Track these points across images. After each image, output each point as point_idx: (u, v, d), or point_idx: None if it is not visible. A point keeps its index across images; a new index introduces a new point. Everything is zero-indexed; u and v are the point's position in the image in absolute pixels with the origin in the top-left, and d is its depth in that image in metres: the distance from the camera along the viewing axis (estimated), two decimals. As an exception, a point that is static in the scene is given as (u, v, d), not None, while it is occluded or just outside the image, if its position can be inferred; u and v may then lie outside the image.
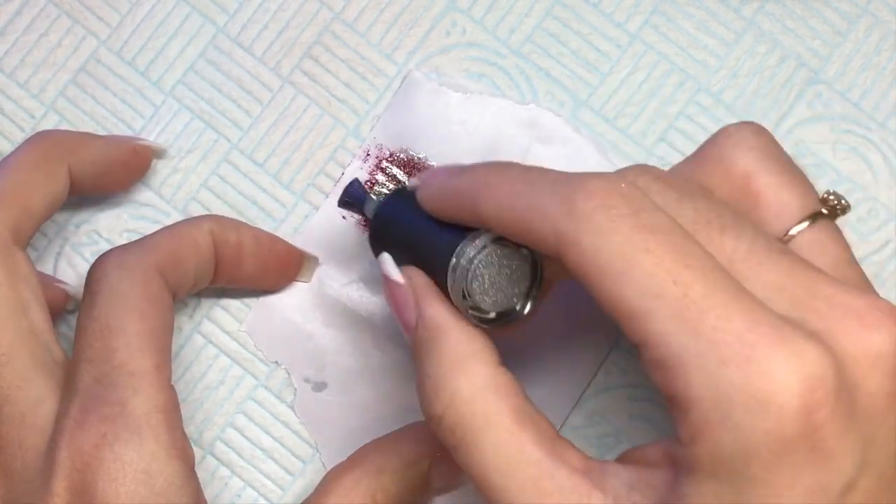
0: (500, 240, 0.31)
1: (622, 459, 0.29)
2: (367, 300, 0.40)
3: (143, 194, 0.41)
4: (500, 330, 0.32)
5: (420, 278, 0.32)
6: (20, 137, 0.41)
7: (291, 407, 0.40)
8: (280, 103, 0.41)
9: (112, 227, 0.41)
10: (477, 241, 0.31)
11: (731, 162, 0.31)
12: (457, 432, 0.29)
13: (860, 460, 0.26)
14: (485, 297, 0.31)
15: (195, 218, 0.38)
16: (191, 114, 0.41)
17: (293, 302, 0.40)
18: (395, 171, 0.41)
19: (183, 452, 0.33)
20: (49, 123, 0.42)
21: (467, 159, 0.40)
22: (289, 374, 0.40)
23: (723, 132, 0.32)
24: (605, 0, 0.41)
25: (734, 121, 0.41)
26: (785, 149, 0.41)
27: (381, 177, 0.41)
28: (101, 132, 0.41)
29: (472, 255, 0.31)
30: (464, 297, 0.31)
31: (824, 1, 0.41)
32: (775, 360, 0.25)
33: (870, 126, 0.41)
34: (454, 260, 0.31)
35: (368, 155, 0.41)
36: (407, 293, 0.32)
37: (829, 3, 0.41)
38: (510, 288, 0.32)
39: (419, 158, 0.41)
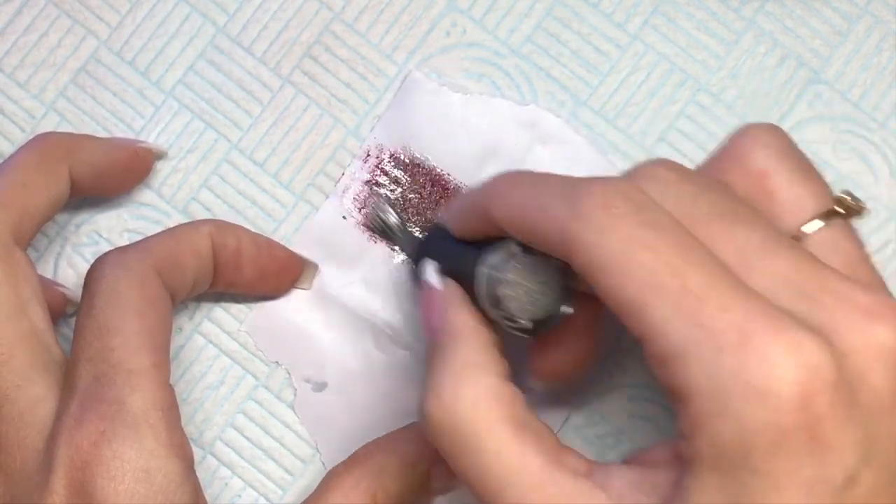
0: (528, 249, 0.31)
1: (627, 461, 0.30)
2: (367, 300, 0.40)
3: (144, 194, 0.41)
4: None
5: (454, 288, 0.33)
6: (20, 138, 0.41)
7: (292, 407, 0.40)
8: (280, 103, 0.41)
9: (112, 227, 0.41)
10: (500, 248, 0.32)
11: (748, 159, 0.31)
12: (455, 437, 0.29)
13: (862, 454, 0.26)
14: (516, 306, 0.32)
15: (195, 222, 0.38)
16: (191, 114, 0.41)
17: (294, 302, 0.40)
18: (396, 171, 0.41)
19: (181, 450, 0.33)
20: (49, 124, 0.41)
21: (468, 160, 0.40)
22: (289, 374, 0.40)
23: (741, 131, 0.32)
24: (605, 0, 0.41)
25: (735, 121, 0.41)
26: (785, 149, 0.41)
27: (381, 177, 0.41)
28: (102, 132, 0.41)
29: (495, 261, 0.32)
30: (493, 306, 0.32)
31: (824, 1, 0.41)
32: (773, 349, 0.25)
33: (870, 126, 0.41)
34: (479, 267, 0.32)
35: (369, 155, 0.41)
36: (439, 298, 0.33)
37: (829, 3, 0.41)
38: (544, 297, 0.32)
39: (420, 159, 0.41)
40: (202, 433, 0.40)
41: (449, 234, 0.34)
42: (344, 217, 0.41)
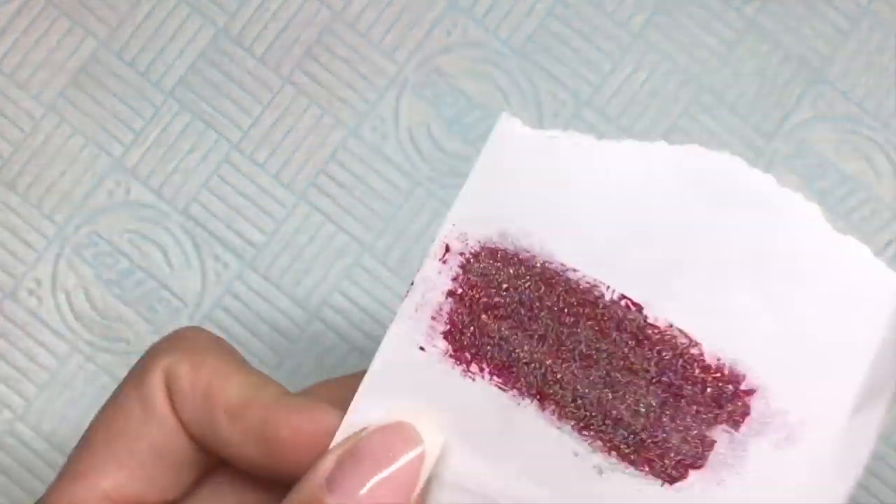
0: None
1: None
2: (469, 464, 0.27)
3: (144, 195, 0.41)
4: None
5: None
6: (20, 138, 0.41)
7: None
8: (280, 103, 0.41)
9: (112, 227, 0.41)
10: None
11: None
12: None
13: None
14: None
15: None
16: (191, 114, 0.41)
17: None
18: (494, 273, 0.26)
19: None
20: (49, 124, 0.41)
21: (602, 244, 0.26)
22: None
23: None
24: (606, -1, 0.41)
25: (737, 121, 0.41)
26: (788, 149, 0.41)
27: (470, 285, 0.26)
28: (102, 133, 0.41)
29: None
30: None
31: (826, 1, 0.41)
32: None
33: (873, 126, 0.41)
34: None
35: (448, 251, 0.26)
36: None
37: (832, 3, 0.41)
38: None
39: (528, 249, 0.26)
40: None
41: None
42: (422, 348, 0.26)
